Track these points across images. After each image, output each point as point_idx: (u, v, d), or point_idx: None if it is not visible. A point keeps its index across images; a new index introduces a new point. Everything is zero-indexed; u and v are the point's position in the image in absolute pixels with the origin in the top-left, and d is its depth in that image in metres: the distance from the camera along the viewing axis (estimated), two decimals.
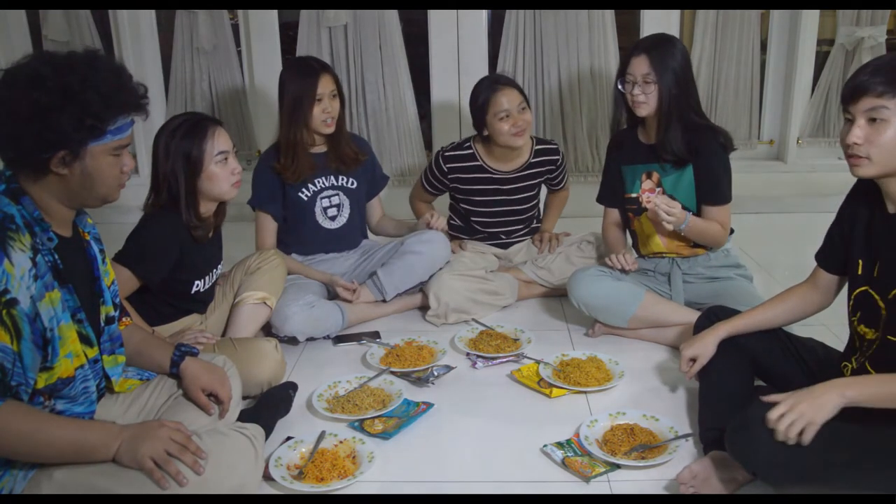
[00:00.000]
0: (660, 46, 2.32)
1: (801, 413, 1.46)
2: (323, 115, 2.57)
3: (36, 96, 1.35)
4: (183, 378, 1.73)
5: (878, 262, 1.62)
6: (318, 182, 2.68)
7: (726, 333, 1.92)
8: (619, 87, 2.38)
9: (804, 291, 1.89)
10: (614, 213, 2.64)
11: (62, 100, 1.36)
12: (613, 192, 2.59)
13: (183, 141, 2.07)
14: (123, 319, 1.72)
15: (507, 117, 2.66)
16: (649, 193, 2.42)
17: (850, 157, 1.58)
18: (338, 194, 2.72)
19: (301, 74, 2.58)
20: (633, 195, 2.50)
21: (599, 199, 2.67)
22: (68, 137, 1.37)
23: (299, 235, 2.73)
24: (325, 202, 2.71)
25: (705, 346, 1.93)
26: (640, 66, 2.30)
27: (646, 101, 2.32)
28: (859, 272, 1.67)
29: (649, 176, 2.47)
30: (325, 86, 2.56)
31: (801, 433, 1.45)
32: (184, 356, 1.74)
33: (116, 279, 1.69)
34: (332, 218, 2.74)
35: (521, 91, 2.72)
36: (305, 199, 2.67)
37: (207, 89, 4.12)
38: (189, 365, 1.73)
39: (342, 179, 2.72)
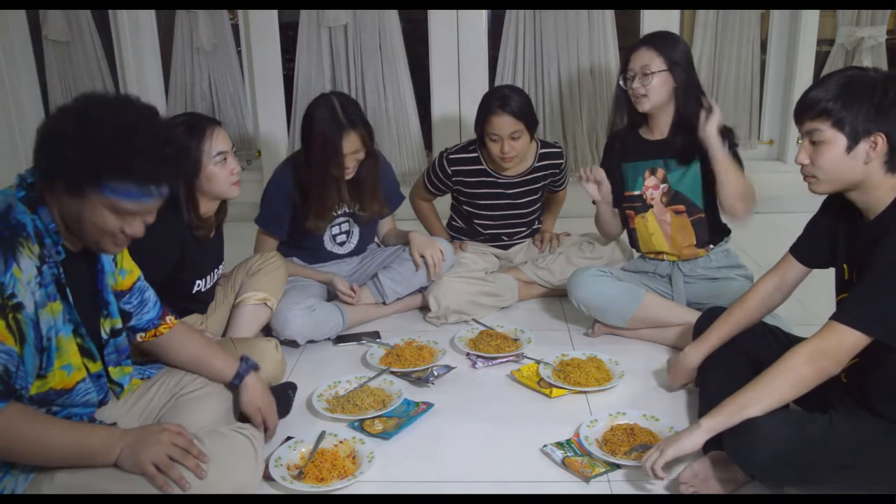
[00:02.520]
0: (659, 38, 2.33)
1: (660, 450, 1.60)
2: (342, 168, 2.44)
3: (62, 124, 1.34)
4: (243, 391, 1.76)
5: (856, 268, 1.63)
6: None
7: (701, 357, 1.98)
8: (622, 84, 2.37)
9: (767, 293, 1.91)
10: None
11: (81, 136, 1.32)
12: (616, 191, 2.56)
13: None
14: (166, 320, 1.73)
15: (498, 140, 2.65)
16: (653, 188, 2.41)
17: (804, 177, 1.63)
18: (348, 221, 2.68)
19: (329, 124, 2.38)
20: (636, 192, 2.50)
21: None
22: (67, 172, 1.34)
23: (304, 253, 2.71)
24: (336, 229, 2.67)
25: (688, 376, 2.04)
26: (640, 58, 2.31)
27: (646, 93, 2.31)
28: (846, 277, 1.68)
29: (653, 172, 2.46)
30: (349, 145, 2.41)
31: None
32: (249, 370, 1.77)
33: None
34: (342, 244, 2.72)
35: (524, 115, 2.61)
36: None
37: (207, 89, 4.12)
38: (252, 381, 1.77)
39: (355, 206, 2.65)
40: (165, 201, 2.05)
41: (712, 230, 2.45)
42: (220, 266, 2.34)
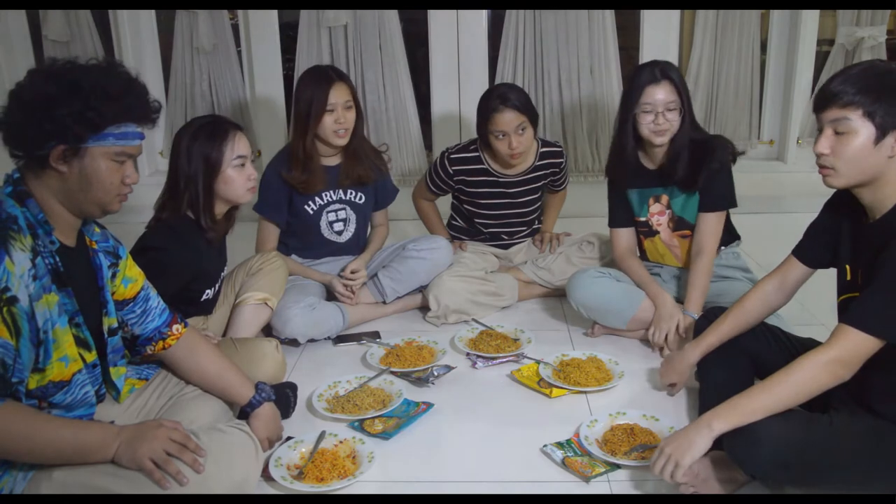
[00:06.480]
0: (674, 70, 2.30)
1: (668, 455, 1.57)
2: (335, 125, 2.50)
3: (45, 88, 1.38)
4: (254, 419, 1.76)
5: (860, 270, 1.62)
6: (326, 196, 2.65)
7: (699, 356, 1.97)
8: (635, 117, 2.30)
9: (767, 293, 1.90)
10: (626, 237, 2.54)
11: (69, 93, 1.38)
12: (626, 212, 2.53)
13: (204, 144, 2.09)
14: (173, 330, 1.72)
15: (504, 137, 2.64)
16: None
17: (820, 168, 1.59)
18: (345, 209, 2.69)
19: (315, 82, 2.51)
20: (642, 219, 2.50)
21: (612, 224, 2.57)
22: (68, 130, 1.38)
23: (303, 243, 2.72)
24: (332, 216, 2.68)
25: (681, 375, 2.03)
26: (664, 93, 2.26)
27: (669, 128, 2.28)
28: (848, 277, 1.67)
29: (657, 199, 2.46)
30: (338, 95, 2.49)
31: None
32: (263, 402, 1.78)
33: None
34: (339, 232, 2.72)
35: (526, 108, 2.62)
36: (311, 212, 2.65)
37: (207, 90, 4.12)
38: (265, 412, 1.78)
39: (350, 194, 2.68)
40: (182, 206, 2.08)
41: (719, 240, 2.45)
42: (225, 269, 2.35)
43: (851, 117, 1.51)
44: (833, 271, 1.76)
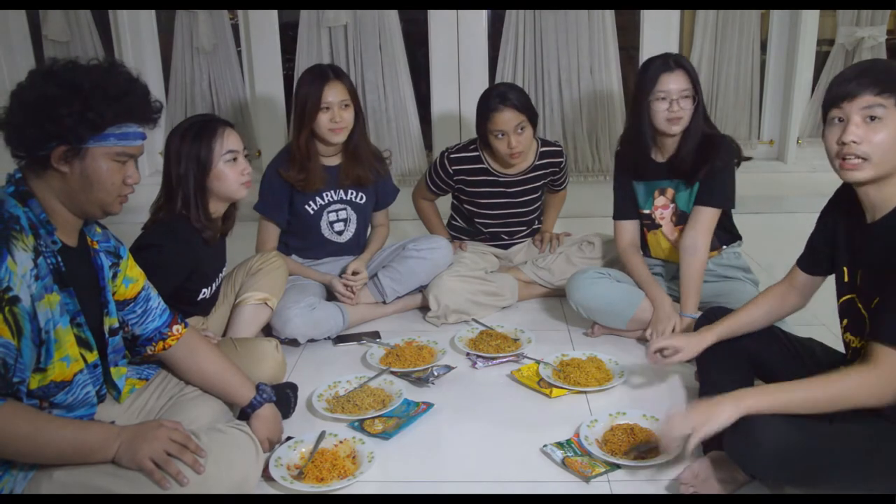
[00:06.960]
0: (686, 61, 2.31)
1: (690, 422, 1.53)
2: (330, 123, 2.49)
3: (45, 88, 1.39)
4: (255, 420, 1.76)
5: (860, 271, 1.62)
6: (326, 196, 2.65)
7: (714, 339, 1.92)
8: (649, 106, 2.31)
9: (781, 293, 1.90)
10: (630, 231, 2.54)
11: (69, 94, 1.38)
12: (632, 205, 2.53)
13: (193, 143, 2.09)
14: (173, 330, 1.72)
15: (504, 137, 2.64)
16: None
17: (845, 161, 1.54)
18: (345, 209, 2.69)
19: (311, 80, 2.51)
20: (646, 211, 2.50)
21: (617, 216, 2.57)
22: (69, 131, 1.38)
23: (304, 243, 2.72)
24: (332, 216, 2.68)
25: (690, 347, 1.91)
26: (677, 81, 2.28)
27: (683, 116, 2.29)
28: (845, 279, 1.67)
29: (662, 192, 2.46)
30: (334, 93, 2.48)
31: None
32: (263, 403, 1.78)
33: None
34: (339, 233, 2.72)
35: (525, 108, 2.62)
36: (312, 212, 2.65)
37: (207, 89, 4.13)
38: (266, 413, 1.78)
39: (351, 194, 2.68)
40: (177, 207, 2.08)
41: (721, 240, 2.46)
42: (223, 270, 2.35)
43: (886, 104, 1.49)
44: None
